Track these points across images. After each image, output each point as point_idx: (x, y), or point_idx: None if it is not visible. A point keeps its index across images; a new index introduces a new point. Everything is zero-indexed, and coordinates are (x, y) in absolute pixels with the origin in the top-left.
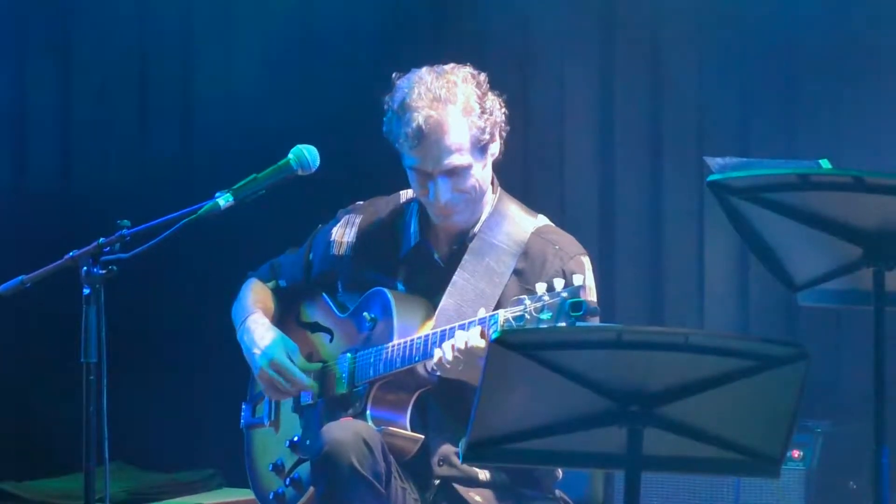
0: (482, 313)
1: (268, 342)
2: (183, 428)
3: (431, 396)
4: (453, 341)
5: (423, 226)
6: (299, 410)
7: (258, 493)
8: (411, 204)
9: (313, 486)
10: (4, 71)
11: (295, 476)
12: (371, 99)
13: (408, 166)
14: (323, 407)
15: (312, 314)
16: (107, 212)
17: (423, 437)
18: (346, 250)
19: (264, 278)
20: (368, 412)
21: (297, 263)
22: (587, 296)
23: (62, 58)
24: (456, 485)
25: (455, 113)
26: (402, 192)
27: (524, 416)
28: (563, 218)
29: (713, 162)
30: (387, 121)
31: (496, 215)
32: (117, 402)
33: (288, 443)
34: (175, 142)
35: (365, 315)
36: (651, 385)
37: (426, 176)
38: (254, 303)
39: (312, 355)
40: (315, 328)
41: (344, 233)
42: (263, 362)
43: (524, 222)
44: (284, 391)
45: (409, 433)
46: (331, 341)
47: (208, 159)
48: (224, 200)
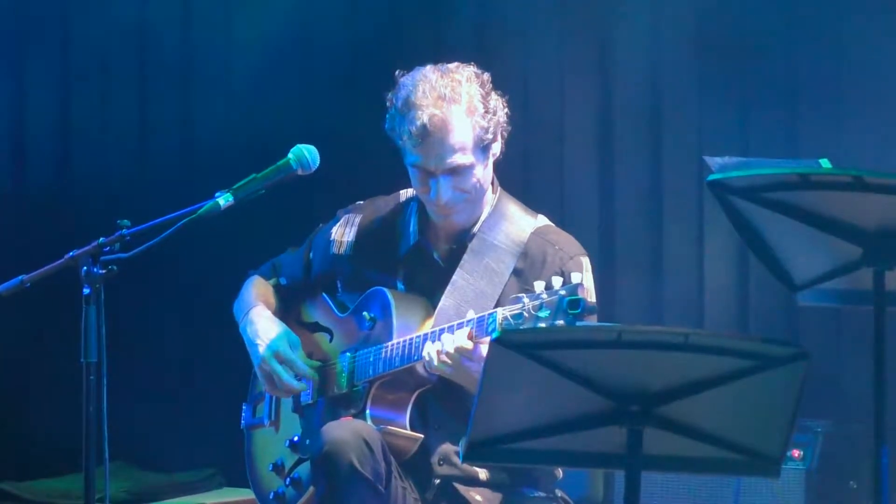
0: (471, 314)
1: (270, 334)
2: (183, 428)
3: (431, 395)
4: (439, 345)
5: (423, 225)
6: (299, 410)
7: (258, 494)
8: (411, 203)
9: (313, 486)
10: (4, 71)
11: (295, 476)
12: (371, 99)
13: (409, 164)
14: (323, 406)
15: (313, 314)
16: (107, 212)
17: (423, 437)
18: (346, 249)
19: (266, 276)
20: (368, 411)
21: (297, 262)
22: (585, 295)
23: (62, 58)
24: (456, 484)
25: (459, 112)
26: (402, 192)
27: (524, 416)
28: (563, 218)
29: (713, 161)
30: (389, 118)
31: (496, 215)
32: (117, 402)
33: (288, 443)
34: (175, 142)
35: (364, 314)
36: (651, 385)
37: (428, 174)
38: (256, 297)
39: (313, 355)
40: (315, 328)
41: (344, 232)
42: (265, 354)
43: (524, 222)
44: (284, 384)
45: (409, 432)
46: (331, 341)
47: (208, 159)
48: (224, 200)
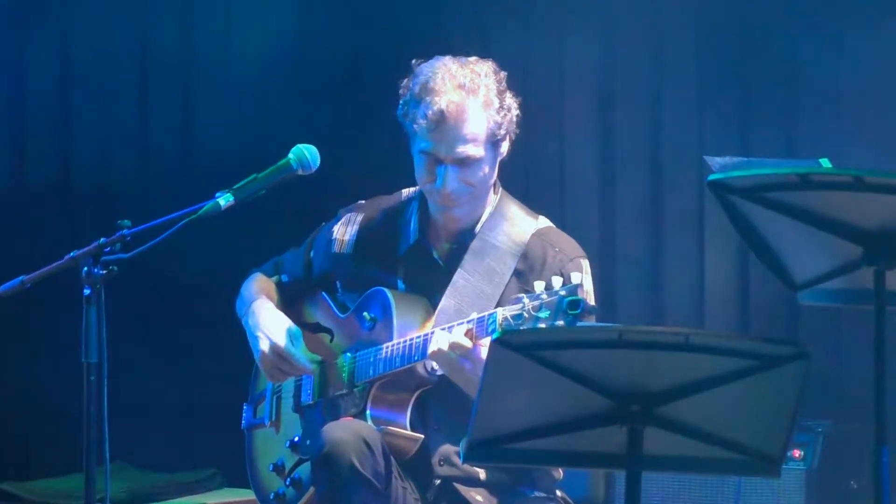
0: (474, 316)
1: (272, 325)
2: (183, 428)
3: (431, 396)
4: (438, 344)
5: (423, 224)
6: (300, 410)
7: (259, 494)
8: (412, 202)
9: (314, 486)
10: (4, 71)
11: (295, 476)
12: (371, 99)
13: (418, 150)
14: (323, 407)
15: (314, 314)
16: (107, 212)
17: (423, 437)
18: (347, 248)
19: (268, 273)
20: (368, 412)
21: (299, 261)
22: (585, 296)
23: (62, 58)
24: (456, 484)
25: (476, 103)
26: (404, 191)
27: (525, 416)
28: (564, 218)
29: (713, 161)
30: (403, 103)
31: (497, 216)
32: (117, 402)
33: (288, 443)
34: (175, 142)
35: (365, 315)
36: (652, 384)
37: (436, 162)
38: (258, 291)
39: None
40: (316, 328)
41: (345, 231)
42: (266, 345)
43: (525, 223)
44: (287, 372)
45: (409, 433)
46: (332, 341)
47: (208, 159)
48: (224, 200)
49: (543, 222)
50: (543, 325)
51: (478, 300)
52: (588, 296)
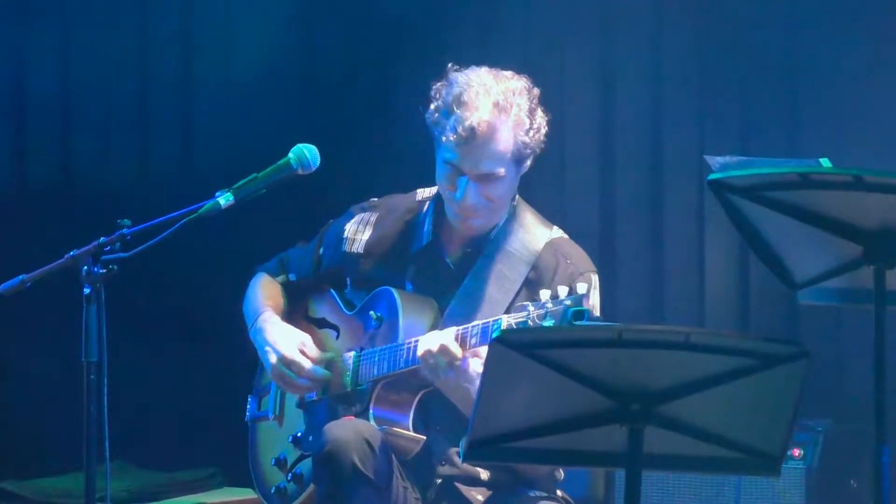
0: (478, 322)
1: (280, 340)
2: (183, 427)
3: (433, 397)
4: (428, 345)
5: (438, 226)
6: (303, 406)
7: (260, 487)
8: (428, 203)
9: (315, 484)
10: (5, 71)
11: (297, 471)
12: (371, 98)
13: (443, 159)
14: (326, 404)
15: (320, 310)
16: (107, 211)
17: (425, 438)
18: (360, 247)
19: (273, 272)
20: (371, 411)
21: (307, 258)
22: (590, 308)
23: (62, 58)
24: (457, 484)
25: (507, 123)
26: (419, 191)
27: (525, 415)
28: (564, 218)
29: (713, 160)
30: (434, 109)
31: (512, 222)
32: (117, 402)
33: (291, 438)
34: (175, 141)
35: (371, 314)
36: (652, 383)
37: (458, 173)
38: (265, 300)
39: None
40: (322, 324)
41: (358, 230)
42: (274, 360)
43: (539, 232)
44: (299, 387)
45: (412, 434)
46: (337, 338)
47: (208, 158)
48: (224, 199)
49: (557, 233)
50: None
51: (486, 305)
52: (594, 309)
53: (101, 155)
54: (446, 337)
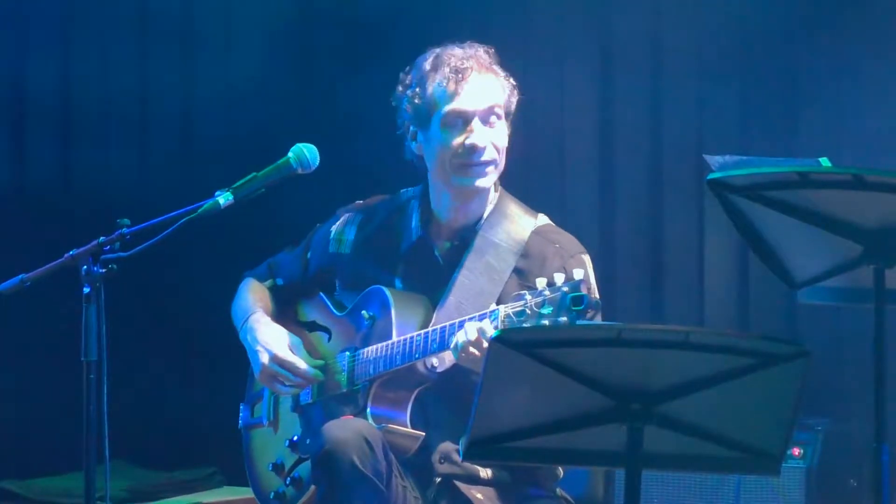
0: (475, 314)
1: (270, 340)
2: (183, 427)
3: (431, 393)
4: (465, 335)
5: (425, 221)
6: (298, 409)
7: (258, 494)
8: (412, 201)
9: (314, 485)
10: (4, 71)
11: (295, 475)
12: (371, 98)
13: (443, 116)
14: (322, 406)
15: (310, 313)
16: (107, 211)
17: (424, 434)
18: (346, 248)
19: (261, 277)
20: (369, 410)
21: (295, 262)
22: (588, 291)
23: (62, 58)
24: (457, 482)
25: (491, 66)
26: (403, 191)
27: (524, 414)
28: (564, 217)
29: (713, 160)
30: (409, 89)
31: (497, 213)
32: (117, 401)
33: (287, 442)
34: (175, 141)
35: (363, 313)
36: (651, 383)
37: (464, 121)
38: (254, 302)
39: (311, 354)
40: (312, 327)
41: (344, 230)
42: (266, 360)
43: (524, 221)
44: (291, 385)
45: (410, 430)
46: (329, 340)
47: (208, 158)
48: (224, 199)
49: (543, 220)
50: (547, 322)
51: (478, 298)
52: (592, 291)
53: (101, 154)
54: (485, 325)
